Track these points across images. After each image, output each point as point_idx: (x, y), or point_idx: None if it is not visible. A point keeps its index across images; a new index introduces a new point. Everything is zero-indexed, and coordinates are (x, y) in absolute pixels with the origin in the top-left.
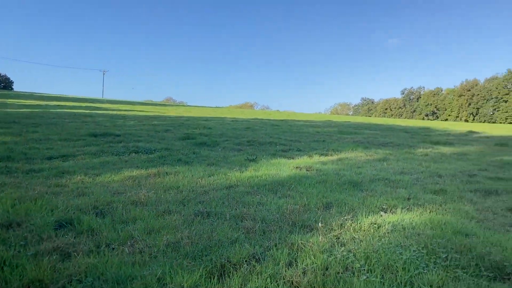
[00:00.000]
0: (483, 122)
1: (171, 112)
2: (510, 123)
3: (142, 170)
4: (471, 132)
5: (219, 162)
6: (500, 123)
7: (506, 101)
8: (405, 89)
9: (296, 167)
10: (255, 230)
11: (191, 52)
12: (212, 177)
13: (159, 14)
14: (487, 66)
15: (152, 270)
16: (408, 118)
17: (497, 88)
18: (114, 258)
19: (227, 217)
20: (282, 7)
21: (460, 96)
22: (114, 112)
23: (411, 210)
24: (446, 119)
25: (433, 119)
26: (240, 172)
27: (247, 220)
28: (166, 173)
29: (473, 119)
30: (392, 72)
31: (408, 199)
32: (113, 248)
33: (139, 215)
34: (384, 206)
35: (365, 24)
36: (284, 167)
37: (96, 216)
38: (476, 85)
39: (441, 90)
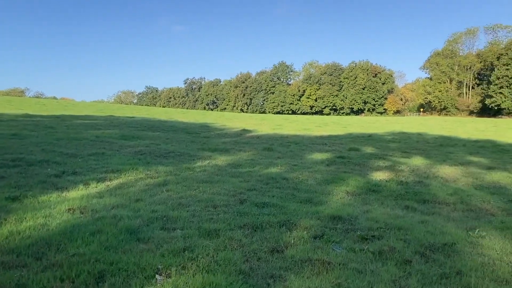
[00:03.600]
0: (256, 111)
1: None
2: (277, 112)
3: None
4: (244, 131)
5: None
6: (269, 112)
7: (273, 93)
8: (188, 79)
9: (69, 209)
10: None
11: None
12: None
13: None
14: (257, 61)
15: None
16: (191, 108)
17: (265, 81)
18: None
19: None
20: None
21: (236, 87)
22: None
23: (185, 269)
24: (225, 108)
25: (214, 108)
26: None
27: None
28: None
29: (247, 109)
30: (176, 60)
31: (184, 250)
32: None
33: None
34: (160, 266)
35: (150, 7)
36: (54, 210)
37: None
38: (249, 77)
39: (220, 81)
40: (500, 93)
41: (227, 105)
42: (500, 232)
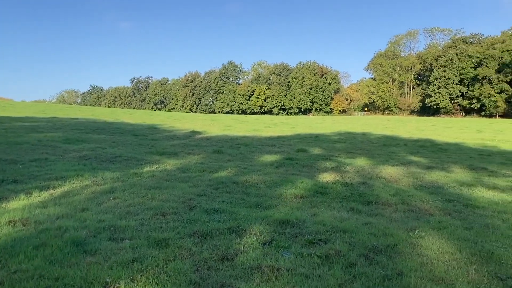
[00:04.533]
0: (205, 111)
1: None
2: (226, 112)
3: None
4: (194, 132)
5: None
6: (219, 112)
7: (222, 92)
8: (134, 78)
9: (10, 221)
10: None
11: None
12: None
13: None
14: (206, 60)
15: None
16: (137, 108)
17: (215, 80)
18: None
19: None
20: None
21: (184, 86)
22: None
23: (134, 281)
24: (173, 108)
25: (162, 108)
26: None
27: None
28: None
29: (197, 108)
30: (122, 59)
31: (133, 262)
32: None
33: None
34: (108, 280)
35: (95, 2)
36: None
37: None
38: (198, 77)
39: (168, 80)
40: (439, 93)
41: (175, 104)
42: (437, 232)
